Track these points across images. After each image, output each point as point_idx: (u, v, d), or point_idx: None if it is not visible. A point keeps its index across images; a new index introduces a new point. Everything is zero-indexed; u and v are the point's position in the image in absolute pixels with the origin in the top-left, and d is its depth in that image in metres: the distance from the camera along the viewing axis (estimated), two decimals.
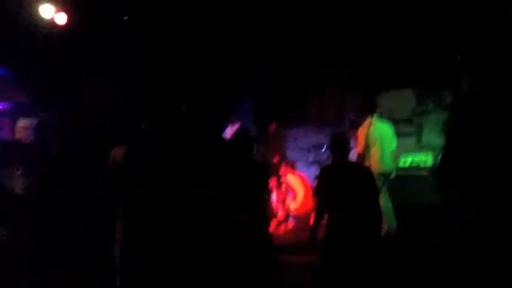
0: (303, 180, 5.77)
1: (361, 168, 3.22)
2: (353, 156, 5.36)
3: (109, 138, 2.75)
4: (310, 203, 5.21)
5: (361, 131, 4.79)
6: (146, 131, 2.65)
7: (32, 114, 3.70)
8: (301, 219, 5.38)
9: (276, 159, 6.04)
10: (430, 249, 3.65)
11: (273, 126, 6.29)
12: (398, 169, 4.76)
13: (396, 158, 4.90)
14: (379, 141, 4.67)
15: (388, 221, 4.59)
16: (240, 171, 2.84)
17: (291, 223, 5.55)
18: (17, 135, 3.53)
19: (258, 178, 2.99)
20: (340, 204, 2.99)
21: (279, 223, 5.59)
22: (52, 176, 3.21)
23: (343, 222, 2.95)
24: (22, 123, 3.51)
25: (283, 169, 5.89)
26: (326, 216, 3.10)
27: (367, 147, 4.56)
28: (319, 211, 3.11)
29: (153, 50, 5.36)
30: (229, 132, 5.96)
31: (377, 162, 4.59)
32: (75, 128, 4.00)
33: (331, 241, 2.96)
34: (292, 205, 5.70)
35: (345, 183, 3.01)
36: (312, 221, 3.27)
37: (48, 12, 4.66)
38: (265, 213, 3.01)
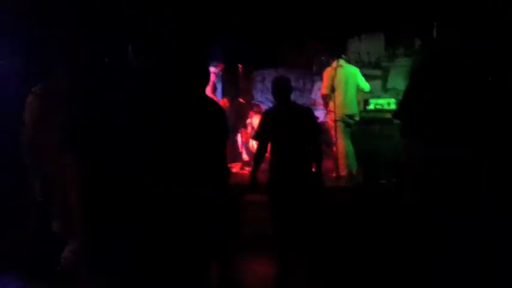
0: None
1: (302, 110, 3.25)
2: (317, 97, 5.37)
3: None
4: None
5: (327, 73, 4.75)
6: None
7: None
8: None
9: (242, 100, 5.99)
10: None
11: (241, 68, 6.16)
12: (361, 115, 4.80)
13: (360, 104, 4.92)
14: (344, 84, 4.66)
15: (349, 163, 4.70)
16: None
17: None
18: None
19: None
20: (281, 145, 3.05)
21: (244, 165, 5.63)
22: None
23: (283, 163, 3.06)
24: None
25: (249, 111, 5.85)
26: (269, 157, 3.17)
27: (332, 89, 4.54)
28: (259, 154, 3.17)
29: None
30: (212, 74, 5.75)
31: (341, 104, 4.61)
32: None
33: (274, 182, 3.06)
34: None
35: (286, 125, 3.06)
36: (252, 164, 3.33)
37: None
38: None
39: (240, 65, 6.16)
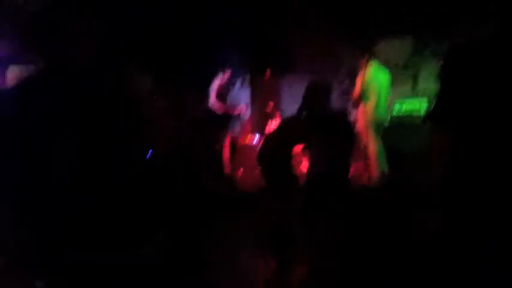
0: None
1: (339, 116, 3.26)
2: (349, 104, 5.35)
3: None
4: None
5: (359, 78, 4.74)
6: None
7: None
8: None
9: (269, 109, 5.93)
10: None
11: (268, 73, 6.11)
12: (392, 117, 4.77)
13: (390, 106, 4.89)
14: (376, 89, 4.64)
15: (380, 167, 4.68)
16: None
17: None
18: None
19: None
20: (317, 151, 3.08)
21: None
22: None
23: (314, 170, 3.09)
24: None
25: (276, 118, 5.84)
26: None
27: (363, 94, 4.53)
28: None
29: None
30: (216, 84, 5.61)
31: (372, 109, 4.59)
32: None
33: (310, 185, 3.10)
34: None
35: (322, 132, 3.07)
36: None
37: None
38: None
39: (268, 68, 6.09)
